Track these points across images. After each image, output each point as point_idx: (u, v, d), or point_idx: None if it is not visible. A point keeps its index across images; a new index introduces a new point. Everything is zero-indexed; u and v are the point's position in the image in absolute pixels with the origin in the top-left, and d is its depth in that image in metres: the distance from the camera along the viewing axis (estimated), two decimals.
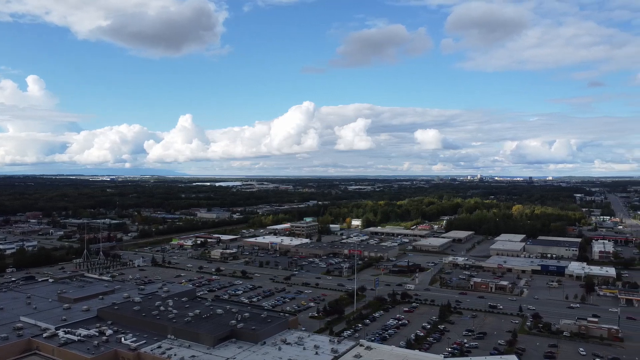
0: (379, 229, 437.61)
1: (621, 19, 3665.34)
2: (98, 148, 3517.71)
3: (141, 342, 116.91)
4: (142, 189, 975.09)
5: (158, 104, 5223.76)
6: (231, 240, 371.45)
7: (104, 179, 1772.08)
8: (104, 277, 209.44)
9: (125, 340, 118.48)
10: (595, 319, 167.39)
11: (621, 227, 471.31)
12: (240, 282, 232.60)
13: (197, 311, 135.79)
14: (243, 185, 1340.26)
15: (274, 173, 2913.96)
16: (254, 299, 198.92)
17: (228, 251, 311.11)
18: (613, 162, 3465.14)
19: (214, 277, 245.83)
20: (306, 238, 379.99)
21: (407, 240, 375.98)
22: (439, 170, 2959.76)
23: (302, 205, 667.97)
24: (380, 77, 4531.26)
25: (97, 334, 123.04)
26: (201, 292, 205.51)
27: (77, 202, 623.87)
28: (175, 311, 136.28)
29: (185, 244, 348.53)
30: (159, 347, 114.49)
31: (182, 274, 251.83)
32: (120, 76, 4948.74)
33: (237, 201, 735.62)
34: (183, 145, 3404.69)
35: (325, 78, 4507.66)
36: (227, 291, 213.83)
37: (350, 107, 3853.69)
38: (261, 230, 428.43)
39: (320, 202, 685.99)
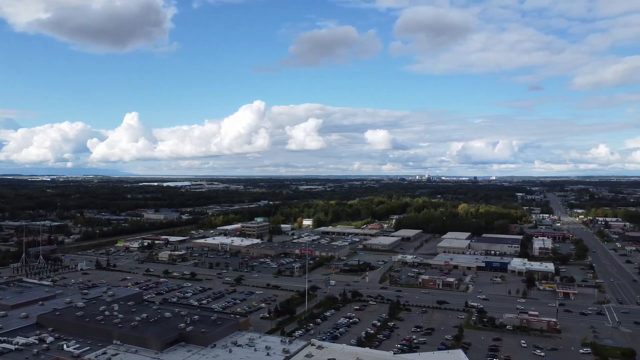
0: (330, 228, 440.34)
1: (559, 26, 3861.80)
2: (37, 146, 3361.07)
3: (85, 349, 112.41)
4: (85, 190, 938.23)
5: (102, 101, 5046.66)
6: (180, 241, 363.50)
7: (44, 179, 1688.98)
8: (44, 282, 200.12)
9: (67, 347, 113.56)
10: (536, 313, 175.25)
11: (559, 224, 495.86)
12: (190, 284, 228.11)
13: (144, 315, 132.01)
14: (192, 185, 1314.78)
15: (224, 173, 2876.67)
16: (204, 301, 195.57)
17: (177, 253, 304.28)
18: (552, 162, 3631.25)
19: (161, 279, 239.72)
20: (257, 238, 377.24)
21: (357, 240, 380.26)
22: (389, 170, 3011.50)
23: (253, 206, 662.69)
24: (331, 78, 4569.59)
25: (36, 342, 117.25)
26: (148, 296, 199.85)
27: (15, 203, 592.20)
28: (121, 316, 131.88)
29: (131, 246, 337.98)
30: (104, 353, 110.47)
31: (128, 277, 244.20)
32: (62, 72, 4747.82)
33: (186, 201, 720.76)
34: (129, 144, 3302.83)
35: (276, 77, 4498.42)
36: (176, 294, 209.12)
37: (302, 107, 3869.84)
38: (211, 231, 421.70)
39: (271, 202, 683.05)
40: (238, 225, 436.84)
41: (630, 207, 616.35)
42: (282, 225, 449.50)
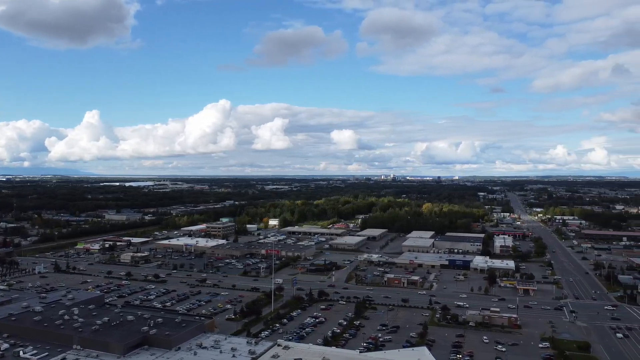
0: (296, 228, 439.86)
1: (519, 30, 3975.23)
2: None
3: (43, 355, 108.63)
4: (43, 190, 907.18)
5: (62, 98, 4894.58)
6: (143, 242, 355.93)
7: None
8: None
9: (24, 354, 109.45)
10: (497, 309, 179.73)
11: (519, 223, 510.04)
12: (153, 287, 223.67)
13: (106, 319, 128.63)
14: (155, 185, 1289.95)
15: (189, 173, 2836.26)
16: (168, 304, 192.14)
17: (139, 254, 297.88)
18: (512, 162, 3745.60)
19: (124, 282, 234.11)
20: (223, 239, 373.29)
21: (324, 239, 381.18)
22: (355, 170, 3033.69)
23: (218, 206, 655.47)
24: (298, 78, 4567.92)
25: None
26: (110, 299, 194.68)
27: None
28: (81, 320, 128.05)
29: (92, 247, 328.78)
30: (64, 359, 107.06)
31: (89, 280, 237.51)
32: (18, 68, 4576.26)
33: (149, 202, 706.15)
34: (89, 143, 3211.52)
35: (242, 77, 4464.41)
36: (139, 296, 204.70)
37: (268, 107, 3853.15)
38: (175, 232, 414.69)
39: (237, 202, 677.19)
40: (203, 226, 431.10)
41: (585, 206, 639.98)
42: (248, 226, 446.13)
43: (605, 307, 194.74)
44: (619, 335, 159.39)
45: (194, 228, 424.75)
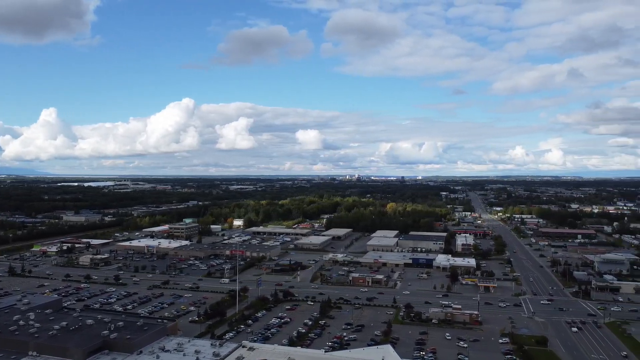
0: (261, 228, 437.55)
1: (480, 34, 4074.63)
2: None
3: None
4: None
5: (16, 95, 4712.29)
6: (103, 244, 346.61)
7: None
8: None
9: None
10: (459, 306, 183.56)
11: (480, 222, 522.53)
12: (114, 289, 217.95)
13: (64, 323, 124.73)
14: (116, 185, 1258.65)
15: (151, 172, 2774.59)
16: (129, 307, 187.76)
17: (99, 256, 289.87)
18: (473, 163, 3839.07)
19: (83, 285, 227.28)
20: (186, 240, 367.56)
21: (289, 239, 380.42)
22: (320, 170, 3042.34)
23: (181, 206, 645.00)
24: (262, 77, 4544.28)
25: None
26: (68, 303, 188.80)
27: None
28: (37, 325, 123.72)
29: (49, 250, 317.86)
30: None
31: (46, 284, 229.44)
32: None
33: (109, 202, 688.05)
34: (46, 142, 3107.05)
35: (205, 75, 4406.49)
36: (99, 299, 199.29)
37: (232, 106, 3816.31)
38: (137, 233, 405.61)
39: (200, 203, 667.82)
40: (165, 227, 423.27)
41: (543, 205, 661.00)
42: (212, 226, 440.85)
43: (542, 302, 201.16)
44: (574, 329, 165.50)
45: (156, 229, 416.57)
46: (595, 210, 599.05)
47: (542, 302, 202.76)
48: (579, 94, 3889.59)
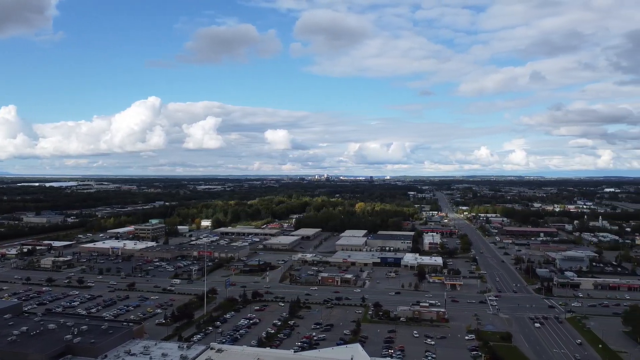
0: (229, 229, 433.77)
1: (447, 37, 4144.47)
2: None
3: None
4: None
5: None
6: (65, 246, 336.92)
7: None
8: None
9: None
10: (427, 304, 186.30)
11: (446, 221, 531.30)
12: (77, 293, 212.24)
13: (24, 328, 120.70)
14: (79, 185, 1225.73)
15: (116, 172, 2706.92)
16: (93, 310, 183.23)
17: (61, 259, 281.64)
18: (440, 163, 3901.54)
19: (44, 288, 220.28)
20: (152, 241, 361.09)
21: (257, 240, 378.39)
22: (289, 170, 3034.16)
23: (147, 207, 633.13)
24: (231, 76, 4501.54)
25: None
26: (29, 307, 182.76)
27: None
28: None
29: (8, 252, 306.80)
30: None
31: (5, 288, 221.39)
32: None
33: (72, 203, 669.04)
34: (5, 141, 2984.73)
35: (172, 73, 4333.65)
36: (61, 303, 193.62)
37: (200, 105, 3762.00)
38: (101, 235, 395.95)
39: (167, 203, 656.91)
40: (131, 228, 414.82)
41: (507, 204, 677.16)
42: (179, 227, 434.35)
43: (489, 298, 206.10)
44: (537, 325, 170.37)
45: (121, 230, 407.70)
46: (557, 209, 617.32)
47: (488, 298, 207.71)
48: (541, 96, 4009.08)
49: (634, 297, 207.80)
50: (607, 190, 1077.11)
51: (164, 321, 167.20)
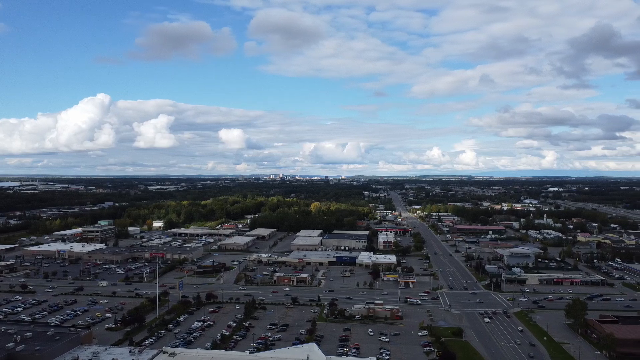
0: (182, 230, 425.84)
1: (400, 39, 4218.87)
2: None
3: None
4: None
5: None
6: (7, 250, 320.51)
7: None
8: None
9: None
10: (381, 302, 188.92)
11: (400, 220, 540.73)
12: (20, 298, 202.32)
13: None
14: (23, 185, 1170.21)
15: (62, 172, 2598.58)
16: (38, 316, 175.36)
17: (3, 263, 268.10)
18: (394, 163, 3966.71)
19: None
20: (101, 243, 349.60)
21: (212, 240, 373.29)
22: (243, 169, 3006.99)
23: (96, 208, 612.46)
24: (184, 74, 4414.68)
25: None
26: None
27: None
28: None
29: None
30: None
31: None
32: None
33: (14, 204, 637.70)
34: None
35: (122, 70, 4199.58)
36: (3, 309, 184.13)
37: (151, 103, 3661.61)
38: (46, 237, 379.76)
39: (117, 204, 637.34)
40: (79, 230, 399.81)
41: (458, 203, 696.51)
42: (129, 228, 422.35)
43: (419, 294, 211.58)
44: (487, 319, 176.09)
45: (68, 232, 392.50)
46: (505, 208, 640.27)
47: (419, 295, 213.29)
48: (490, 98, 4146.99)
49: (576, 291, 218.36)
50: (551, 189, 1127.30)
51: (114, 326, 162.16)
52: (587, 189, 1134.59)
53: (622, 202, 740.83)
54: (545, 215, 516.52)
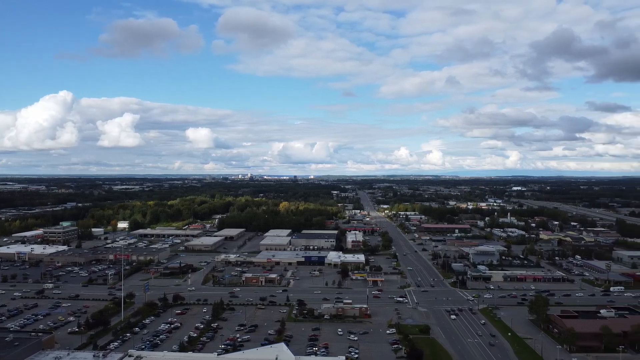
0: (148, 230, 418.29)
1: (368, 40, 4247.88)
2: None
3: None
4: None
5: None
6: None
7: None
8: None
9: None
10: (350, 301, 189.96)
11: (368, 219, 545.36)
12: None
13: None
14: None
15: (22, 172, 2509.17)
16: None
17: None
18: (362, 162, 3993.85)
19: None
20: (63, 245, 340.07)
21: (179, 241, 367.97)
22: (211, 169, 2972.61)
23: (58, 208, 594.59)
24: (150, 71, 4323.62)
25: None
26: None
27: None
28: None
29: None
30: None
31: None
32: None
33: None
34: None
35: (85, 67, 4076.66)
36: None
37: (116, 101, 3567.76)
38: (5, 239, 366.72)
39: (80, 204, 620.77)
40: (39, 231, 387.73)
41: (425, 202, 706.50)
42: (93, 230, 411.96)
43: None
44: (453, 316, 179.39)
45: (28, 234, 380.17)
46: (470, 207, 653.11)
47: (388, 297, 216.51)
48: (456, 99, 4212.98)
49: (538, 288, 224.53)
50: (515, 188, 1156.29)
51: (77, 329, 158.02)
52: (548, 188, 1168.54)
53: (582, 201, 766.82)
54: (509, 214, 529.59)
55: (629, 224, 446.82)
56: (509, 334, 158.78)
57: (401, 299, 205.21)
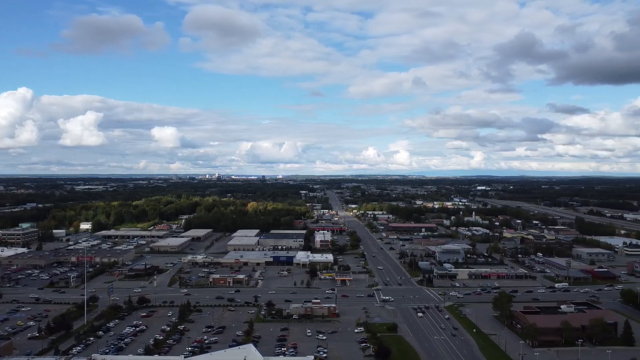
0: (112, 231, 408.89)
1: (337, 40, 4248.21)
2: None
3: None
4: None
5: None
6: None
7: None
8: None
9: None
10: (318, 301, 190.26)
11: (337, 219, 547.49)
12: None
13: None
14: None
15: None
16: None
17: None
18: (330, 162, 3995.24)
19: None
20: (23, 247, 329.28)
21: (144, 242, 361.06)
22: (177, 169, 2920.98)
23: (16, 209, 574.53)
24: (113, 69, 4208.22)
25: None
26: None
27: None
28: None
29: None
30: None
31: None
32: None
33: None
34: None
35: (46, 63, 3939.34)
36: None
37: (78, 99, 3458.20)
38: None
39: (40, 205, 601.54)
40: None
41: (392, 202, 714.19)
42: (54, 231, 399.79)
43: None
44: (420, 314, 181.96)
45: None
46: (436, 206, 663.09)
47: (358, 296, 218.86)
48: (423, 100, 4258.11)
49: (502, 285, 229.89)
50: (479, 188, 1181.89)
51: (37, 334, 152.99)
52: (511, 187, 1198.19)
53: (543, 200, 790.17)
54: (473, 213, 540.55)
55: (587, 222, 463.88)
56: (474, 330, 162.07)
57: (369, 297, 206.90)
